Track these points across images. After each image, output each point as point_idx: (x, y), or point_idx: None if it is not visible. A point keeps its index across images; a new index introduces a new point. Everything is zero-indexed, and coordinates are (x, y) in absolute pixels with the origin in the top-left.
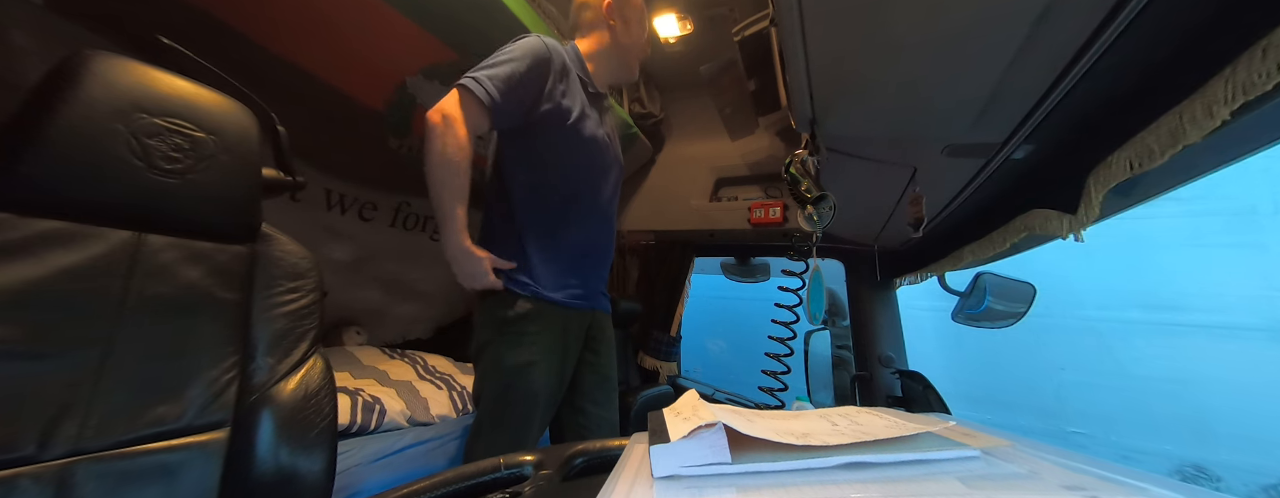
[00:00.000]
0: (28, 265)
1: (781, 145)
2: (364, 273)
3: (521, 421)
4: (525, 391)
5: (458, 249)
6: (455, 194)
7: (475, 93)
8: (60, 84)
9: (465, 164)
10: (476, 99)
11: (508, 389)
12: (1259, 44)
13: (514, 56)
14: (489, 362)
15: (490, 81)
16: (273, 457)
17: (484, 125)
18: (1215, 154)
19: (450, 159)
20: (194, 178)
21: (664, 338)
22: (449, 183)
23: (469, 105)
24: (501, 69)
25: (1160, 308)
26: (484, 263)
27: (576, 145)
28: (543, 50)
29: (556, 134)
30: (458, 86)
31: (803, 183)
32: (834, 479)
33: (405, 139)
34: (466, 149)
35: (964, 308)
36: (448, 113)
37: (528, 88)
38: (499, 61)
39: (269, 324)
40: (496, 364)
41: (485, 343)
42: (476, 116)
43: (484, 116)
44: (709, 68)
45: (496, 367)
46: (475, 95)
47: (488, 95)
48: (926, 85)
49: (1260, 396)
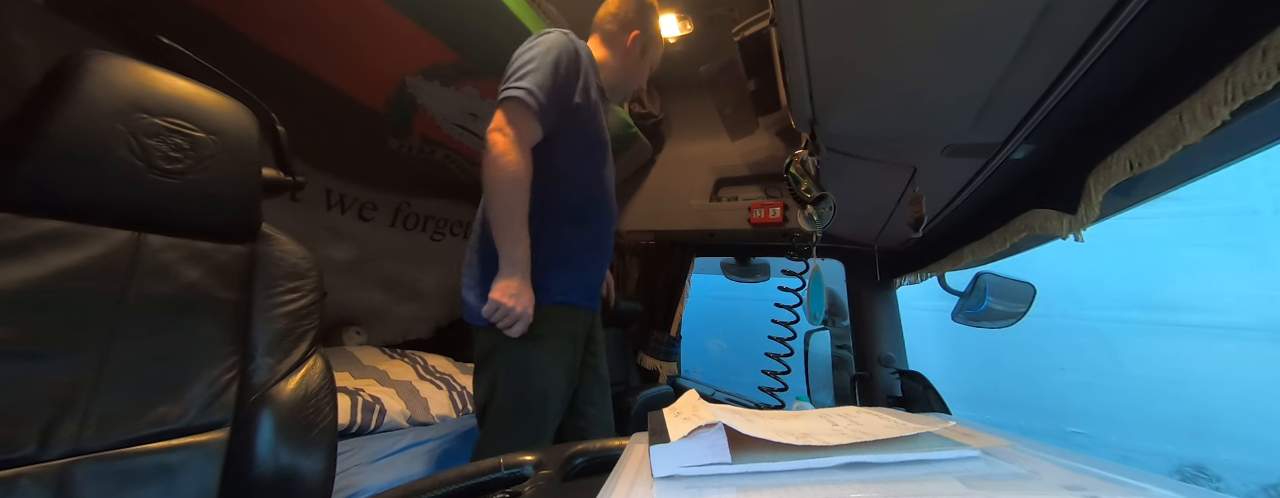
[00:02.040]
0: (28, 265)
1: (781, 145)
2: (364, 273)
3: (534, 430)
4: (538, 398)
5: (522, 284)
6: (521, 207)
7: (528, 104)
8: (60, 84)
9: (528, 181)
10: (529, 109)
11: (520, 399)
12: (1259, 44)
13: (548, 56)
14: (498, 371)
15: (539, 90)
16: (273, 457)
17: (538, 135)
18: (1215, 154)
19: (516, 178)
20: (194, 178)
21: (664, 338)
22: (518, 205)
23: (525, 119)
24: (542, 74)
25: (1160, 308)
26: (530, 305)
27: (593, 145)
28: (572, 47)
29: (579, 133)
30: (506, 100)
31: (803, 183)
32: (834, 479)
33: (405, 139)
34: (529, 167)
35: (964, 308)
36: (506, 131)
37: (567, 87)
38: (534, 65)
39: (269, 324)
40: (507, 373)
41: (495, 347)
42: (532, 129)
43: (537, 127)
44: (709, 68)
45: (507, 376)
46: (528, 106)
47: (537, 103)
48: (926, 85)
49: (1260, 395)
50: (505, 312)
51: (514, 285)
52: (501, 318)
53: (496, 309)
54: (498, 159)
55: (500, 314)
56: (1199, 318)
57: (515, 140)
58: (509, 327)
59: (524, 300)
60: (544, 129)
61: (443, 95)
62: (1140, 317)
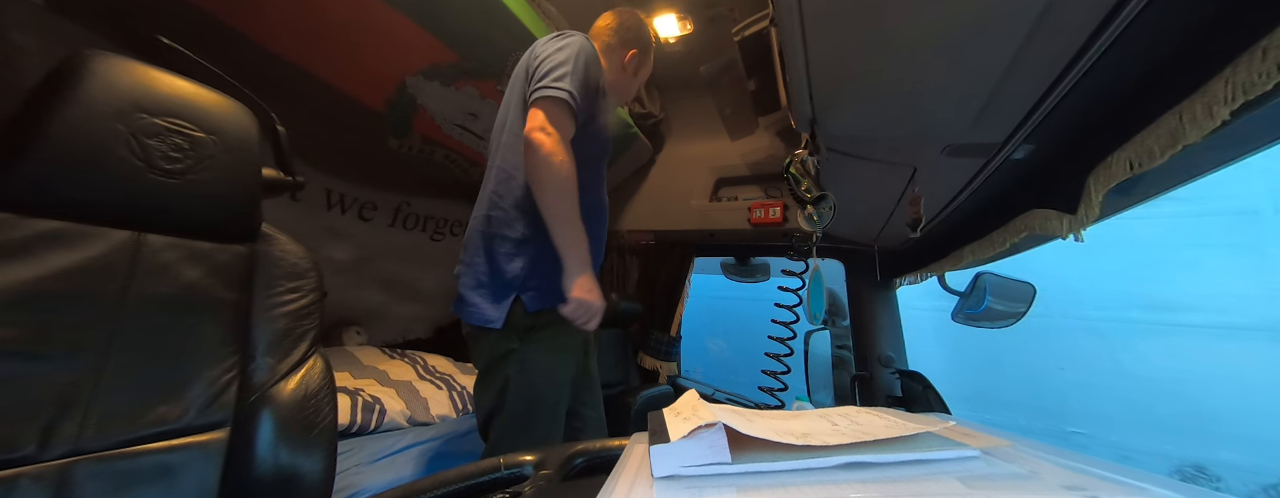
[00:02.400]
0: (28, 265)
1: (781, 145)
2: (364, 273)
3: (546, 435)
4: (549, 405)
5: (594, 279)
6: (577, 206)
7: (571, 105)
8: (60, 84)
9: (577, 178)
10: (571, 110)
11: (531, 407)
12: (1259, 44)
13: (579, 60)
14: (510, 375)
15: (578, 92)
16: (273, 457)
17: (573, 133)
18: (1215, 154)
19: (570, 177)
20: (194, 178)
21: (664, 338)
22: (572, 197)
23: (566, 119)
24: (578, 77)
25: (1160, 308)
26: (601, 298)
27: (601, 147)
28: (593, 51)
29: (591, 137)
30: (550, 100)
31: (803, 183)
32: (834, 479)
33: (405, 139)
34: (573, 163)
35: (964, 308)
36: (550, 130)
37: (591, 92)
38: (569, 67)
39: (269, 324)
40: (520, 377)
41: (505, 355)
42: (571, 128)
43: (573, 127)
44: (709, 68)
45: (519, 380)
46: (571, 107)
47: (577, 105)
48: (926, 85)
49: (1260, 395)
50: (588, 307)
51: (589, 281)
52: (584, 314)
53: (580, 306)
54: (550, 158)
55: (584, 311)
56: (1199, 318)
57: (561, 140)
58: (587, 322)
59: (598, 293)
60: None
61: (443, 95)
62: (1140, 317)
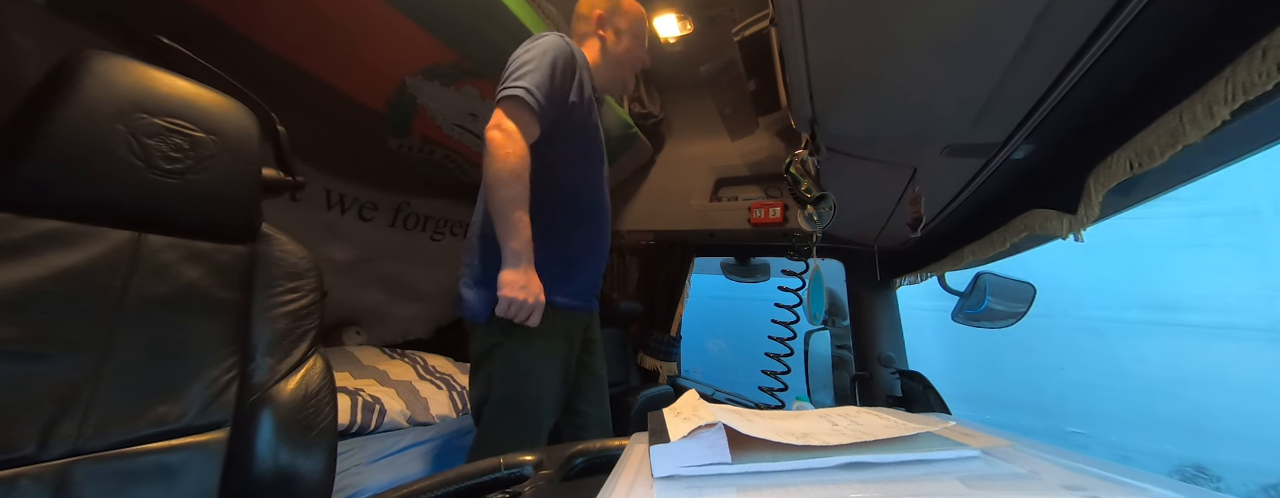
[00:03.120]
0: (28, 265)
1: (781, 145)
2: (364, 273)
3: (530, 427)
4: (534, 396)
5: (527, 275)
6: (521, 197)
7: (527, 102)
8: (60, 84)
9: (527, 173)
10: (528, 107)
11: (516, 396)
12: (1259, 44)
13: (545, 57)
14: (495, 367)
15: (537, 90)
16: (273, 457)
17: (536, 133)
18: (1215, 154)
19: (513, 171)
20: (194, 178)
21: (664, 338)
22: (514, 198)
23: (523, 116)
24: (540, 73)
25: (1160, 308)
26: (540, 293)
27: (586, 145)
28: (567, 49)
29: (575, 135)
30: (505, 99)
31: (803, 183)
32: (834, 479)
33: (405, 139)
34: (527, 158)
35: (964, 308)
36: (504, 127)
37: (563, 88)
38: (532, 66)
39: (269, 324)
40: (504, 370)
41: (491, 349)
42: (530, 126)
43: (536, 124)
44: (709, 68)
45: (504, 373)
46: (527, 104)
47: (536, 102)
48: (926, 85)
49: (1260, 395)
50: (518, 305)
51: (520, 277)
52: (516, 312)
53: (510, 305)
54: (495, 152)
55: (514, 309)
56: (1199, 318)
57: (513, 135)
58: (526, 319)
59: (533, 289)
60: (542, 129)
61: (443, 95)
62: (1140, 317)
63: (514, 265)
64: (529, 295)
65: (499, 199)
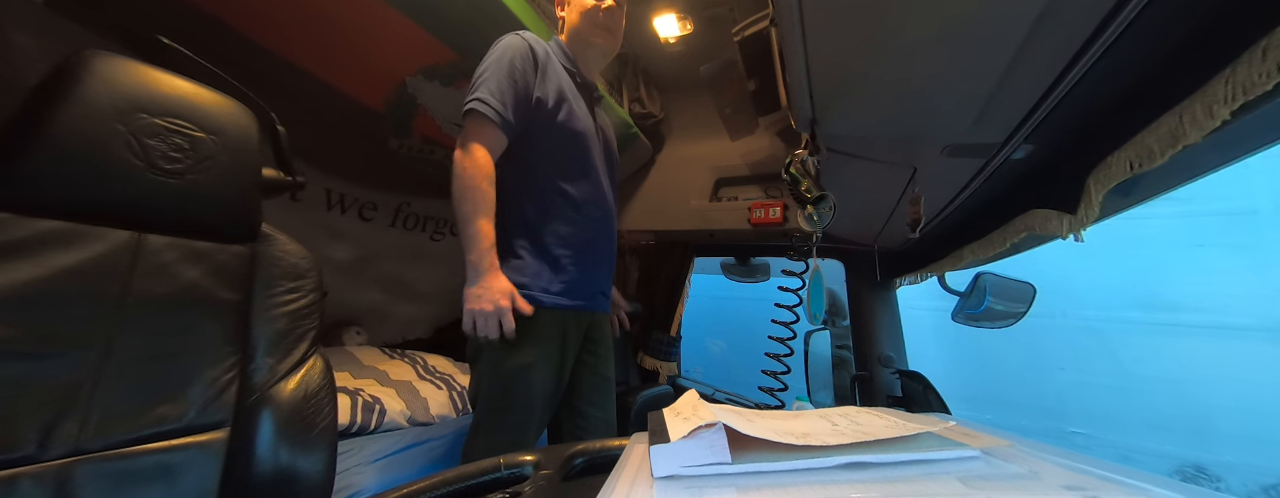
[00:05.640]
0: (28, 265)
1: (781, 145)
2: (364, 273)
3: (520, 423)
4: (524, 392)
5: (484, 286)
6: (478, 207)
7: (483, 113)
8: (60, 84)
9: (486, 184)
10: (487, 119)
11: (506, 391)
12: (1259, 44)
13: (501, 61)
14: (487, 364)
15: (491, 97)
16: (273, 457)
17: (502, 142)
18: (1215, 154)
19: (467, 186)
20: (194, 178)
21: (664, 338)
22: (471, 200)
23: (482, 128)
24: (495, 79)
25: (1160, 308)
26: (510, 298)
27: (566, 137)
28: (520, 43)
29: (548, 129)
30: (465, 113)
31: (803, 183)
32: (834, 479)
33: (405, 139)
34: (485, 169)
35: (964, 308)
36: (465, 146)
37: (524, 85)
38: (488, 73)
39: (269, 324)
40: (495, 366)
41: (479, 350)
42: (491, 136)
43: (497, 134)
44: (709, 68)
45: (495, 369)
46: (484, 115)
47: (493, 110)
48: (926, 85)
49: (1260, 395)
50: (483, 317)
51: (476, 289)
52: (481, 325)
53: (473, 319)
54: (455, 171)
55: (479, 322)
56: (1199, 318)
57: (471, 152)
58: (493, 329)
59: (493, 296)
60: (509, 133)
61: (443, 95)
62: (1140, 317)
63: (472, 280)
64: (487, 303)
65: (458, 216)
